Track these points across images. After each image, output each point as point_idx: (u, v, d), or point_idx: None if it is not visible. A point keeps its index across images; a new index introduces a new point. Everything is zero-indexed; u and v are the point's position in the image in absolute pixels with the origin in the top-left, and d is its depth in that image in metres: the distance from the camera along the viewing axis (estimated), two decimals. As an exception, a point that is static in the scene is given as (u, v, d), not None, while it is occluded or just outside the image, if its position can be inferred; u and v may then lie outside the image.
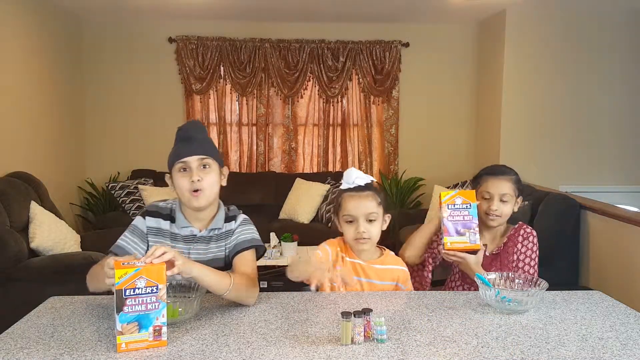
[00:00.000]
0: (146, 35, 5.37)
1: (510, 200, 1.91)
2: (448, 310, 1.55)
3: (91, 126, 5.41)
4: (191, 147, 1.62)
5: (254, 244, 1.70)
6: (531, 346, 1.30)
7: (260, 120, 5.54)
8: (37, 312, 1.51)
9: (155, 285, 1.26)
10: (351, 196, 1.73)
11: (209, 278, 1.45)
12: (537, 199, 3.68)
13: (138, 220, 1.71)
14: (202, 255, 1.68)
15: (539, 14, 4.87)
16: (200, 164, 1.62)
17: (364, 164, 5.62)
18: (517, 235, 1.94)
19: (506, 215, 1.92)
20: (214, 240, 1.70)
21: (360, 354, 1.24)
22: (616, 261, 3.18)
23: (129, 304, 1.24)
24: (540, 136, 5.01)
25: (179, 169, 1.63)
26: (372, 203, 1.71)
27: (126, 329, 1.24)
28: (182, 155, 1.61)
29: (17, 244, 3.16)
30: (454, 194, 1.77)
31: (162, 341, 1.27)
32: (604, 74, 4.97)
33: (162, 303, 1.27)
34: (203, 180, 1.61)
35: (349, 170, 1.77)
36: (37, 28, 4.36)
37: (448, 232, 1.77)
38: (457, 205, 1.75)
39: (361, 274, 1.76)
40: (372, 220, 1.71)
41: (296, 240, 3.90)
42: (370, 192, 1.73)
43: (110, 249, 1.65)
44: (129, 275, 1.23)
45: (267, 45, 5.39)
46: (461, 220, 1.75)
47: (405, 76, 5.55)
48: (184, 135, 1.64)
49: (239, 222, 1.73)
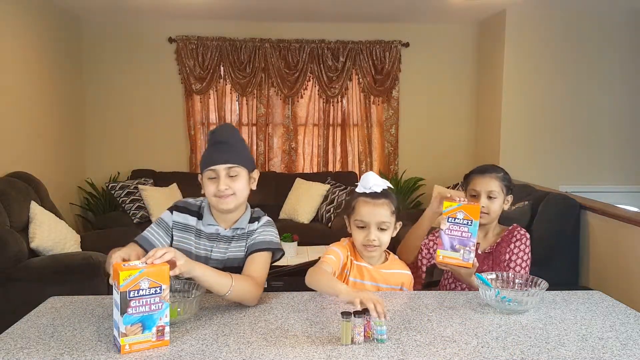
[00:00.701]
0: (146, 35, 5.37)
1: (498, 197, 1.92)
2: (448, 310, 1.56)
3: (91, 126, 5.41)
4: (220, 154, 1.64)
5: (270, 246, 1.70)
6: (531, 346, 1.30)
7: (260, 120, 5.54)
8: (37, 312, 1.51)
9: (159, 286, 1.26)
10: (366, 202, 1.72)
11: (210, 279, 1.46)
12: (537, 199, 3.68)
13: (165, 214, 1.75)
14: (223, 254, 1.71)
15: (539, 14, 4.87)
16: (228, 173, 1.64)
17: (364, 164, 5.62)
18: (510, 237, 1.96)
19: (495, 212, 1.93)
20: (235, 240, 1.72)
21: (360, 354, 1.24)
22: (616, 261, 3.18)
23: (133, 305, 1.23)
24: (540, 136, 5.01)
25: (208, 175, 1.66)
26: (386, 212, 1.70)
27: (130, 330, 1.23)
28: (211, 163, 1.64)
29: (17, 244, 3.16)
30: (457, 207, 1.72)
31: (165, 341, 1.27)
32: (604, 74, 4.97)
33: (166, 303, 1.27)
34: (230, 188, 1.64)
35: (367, 174, 1.75)
36: (37, 28, 4.36)
37: (443, 246, 1.73)
38: (458, 219, 1.71)
39: (367, 278, 1.76)
40: (384, 229, 1.71)
41: (296, 240, 3.90)
42: (386, 201, 1.72)
43: (135, 238, 1.68)
44: (133, 277, 1.23)
45: (267, 45, 5.39)
46: (459, 235, 1.72)
47: (405, 76, 5.55)
48: (214, 139, 1.67)
49: (261, 224, 1.75)
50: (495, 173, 1.96)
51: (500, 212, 1.96)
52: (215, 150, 1.66)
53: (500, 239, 1.97)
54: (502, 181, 1.95)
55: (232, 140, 1.68)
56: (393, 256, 1.85)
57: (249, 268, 1.64)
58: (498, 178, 1.94)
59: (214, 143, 1.67)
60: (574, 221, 3.54)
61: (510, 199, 1.98)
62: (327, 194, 5.06)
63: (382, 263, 1.80)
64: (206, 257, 1.70)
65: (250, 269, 1.64)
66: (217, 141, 1.67)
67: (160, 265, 1.28)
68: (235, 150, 1.67)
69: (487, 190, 1.92)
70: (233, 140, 1.68)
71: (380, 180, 1.75)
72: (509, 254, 1.93)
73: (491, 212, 1.92)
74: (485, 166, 2.03)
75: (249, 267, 1.64)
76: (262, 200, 5.15)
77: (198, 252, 1.71)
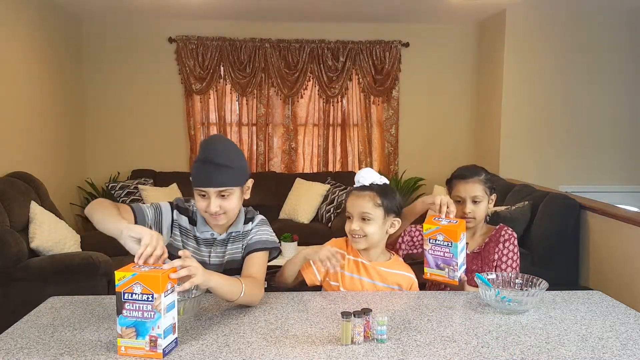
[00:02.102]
0: (146, 35, 5.37)
1: (482, 200, 1.94)
2: (448, 310, 1.56)
3: (91, 126, 5.41)
4: (210, 176, 1.56)
5: (267, 245, 1.69)
6: (531, 346, 1.30)
7: (260, 120, 5.54)
8: (37, 312, 1.51)
9: (151, 294, 1.20)
10: (352, 194, 1.79)
11: (225, 288, 1.45)
12: (537, 199, 3.68)
13: (165, 207, 1.70)
14: (221, 258, 1.71)
15: (539, 14, 4.87)
16: (220, 193, 1.58)
17: (363, 164, 5.62)
18: (498, 236, 1.97)
19: (481, 215, 1.96)
20: (232, 242, 1.72)
21: (360, 354, 1.24)
22: (616, 261, 3.18)
23: (127, 307, 1.22)
24: (540, 136, 5.01)
25: (198, 192, 1.60)
26: (368, 203, 1.73)
27: (125, 332, 1.23)
28: (200, 184, 1.58)
29: (17, 244, 3.16)
30: (436, 230, 1.73)
31: (158, 353, 1.22)
32: (604, 74, 4.97)
33: (158, 314, 1.21)
34: (222, 207, 1.59)
35: (361, 170, 1.82)
36: (37, 28, 4.36)
37: (428, 264, 1.77)
38: (439, 241, 1.74)
39: (363, 274, 1.77)
40: (367, 220, 1.73)
41: (296, 240, 3.91)
42: (369, 193, 1.74)
43: (132, 204, 1.63)
44: (127, 279, 1.21)
45: (267, 45, 5.39)
46: (441, 256, 1.73)
47: (405, 76, 5.55)
48: (205, 156, 1.57)
49: (256, 223, 1.74)
50: (477, 176, 1.96)
51: (485, 213, 1.98)
52: (206, 170, 1.56)
53: (488, 239, 1.98)
54: (485, 183, 1.95)
55: (223, 160, 1.56)
56: (397, 257, 1.86)
57: (249, 269, 1.64)
58: (480, 181, 1.95)
59: (204, 160, 1.57)
60: (574, 221, 3.54)
61: (494, 198, 2.00)
62: (327, 194, 5.06)
63: (384, 261, 1.81)
64: (204, 262, 1.69)
65: (250, 270, 1.63)
66: (207, 160, 1.56)
67: (154, 273, 1.22)
68: (227, 172, 1.57)
69: (471, 196, 1.93)
70: (224, 158, 1.57)
71: (371, 175, 1.78)
72: (498, 254, 1.95)
73: (477, 216, 1.95)
74: (465, 170, 2.01)
75: (248, 268, 1.64)
76: (262, 200, 5.17)
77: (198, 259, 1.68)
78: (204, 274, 1.37)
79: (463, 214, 1.93)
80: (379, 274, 1.77)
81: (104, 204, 1.53)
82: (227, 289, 1.46)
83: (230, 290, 1.46)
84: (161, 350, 1.22)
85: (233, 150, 1.64)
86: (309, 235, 4.33)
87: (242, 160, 1.65)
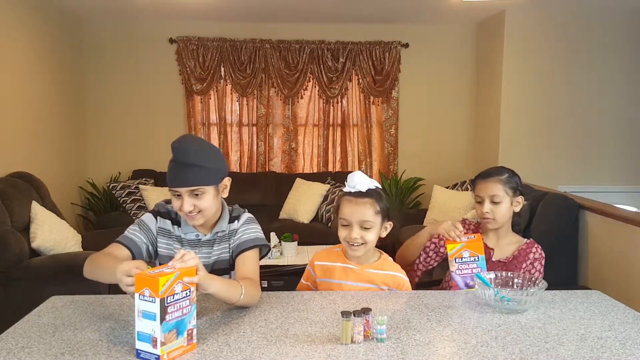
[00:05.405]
0: (147, 36, 5.38)
1: (502, 201, 1.90)
2: (447, 309, 1.56)
3: (92, 126, 5.42)
4: (182, 176, 1.56)
5: (257, 243, 1.69)
6: (530, 345, 1.31)
7: (261, 121, 5.55)
8: (38, 311, 1.51)
9: (189, 288, 1.25)
10: (349, 200, 1.71)
11: (225, 293, 1.43)
12: (536, 199, 3.68)
13: (148, 218, 1.71)
14: (207, 259, 1.69)
15: (539, 14, 4.88)
16: (192, 192, 1.58)
17: (363, 164, 5.63)
18: (528, 252, 1.94)
19: (501, 216, 1.92)
20: (217, 243, 1.71)
21: (360, 353, 1.24)
22: (615, 261, 3.19)
23: (170, 311, 1.20)
24: (539, 136, 5.01)
25: (172, 192, 1.61)
26: (369, 211, 1.68)
27: (168, 338, 1.20)
28: (171, 184, 1.59)
29: (19, 243, 3.17)
30: (460, 247, 1.73)
31: (193, 344, 1.26)
32: (603, 74, 4.97)
33: (193, 305, 1.26)
34: (196, 206, 1.59)
35: (353, 174, 1.74)
36: (37, 28, 4.37)
37: (458, 287, 1.75)
38: (465, 258, 1.73)
39: (352, 279, 1.75)
40: (367, 228, 1.69)
41: (296, 240, 3.90)
42: (369, 200, 1.69)
43: (118, 239, 1.64)
44: (170, 281, 1.19)
45: (268, 46, 5.40)
46: (470, 273, 1.73)
47: (404, 77, 5.56)
48: (175, 157, 1.58)
49: (242, 222, 1.73)
50: (498, 176, 1.93)
51: (509, 215, 1.94)
52: (176, 170, 1.57)
53: (518, 252, 1.94)
54: (506, 184, 1.92)
55: (193, 159, 1.55)
56: (386, 257, 1.82)
57: (243, 269, 1.63)
58: (501, 181, 1.92)
59: (175, 161, 1.57)
60: (573, 221, 3.54)
61: (521, 200, 1.96)
62: (327, 194, 5.07)
63: (372, 263, 1.78)
64: None
65: (244, 270, 1.62)
66: (177, 160, 1.57)
67: (189, 268, 1.26)
68: (197, 171, 1.56)
69: (489, 195, 1.90)
70: (194, 158, 1.56)
71: (366, 180, 1.72)
72: (524, 270, 1.91)
73: (496, 216, 1.90)
74: (489, 170, 1.99)
75: (242, 269, 1.63)
76: (263, 200, 5.20)
77: None
78: (207, 275, 1.37)
79: (482, 214, 1.91)
80: (366, 276, 1.75)
81: (95, 261, 1.56)
82: (226, 294, 1.44)
83: (230, 294, 1.45)
84: (195, 340, 1.27)
85: (204, 150, 1.62)
86: (309, 235, 4.35)
87: (215, 160, 1.63)
